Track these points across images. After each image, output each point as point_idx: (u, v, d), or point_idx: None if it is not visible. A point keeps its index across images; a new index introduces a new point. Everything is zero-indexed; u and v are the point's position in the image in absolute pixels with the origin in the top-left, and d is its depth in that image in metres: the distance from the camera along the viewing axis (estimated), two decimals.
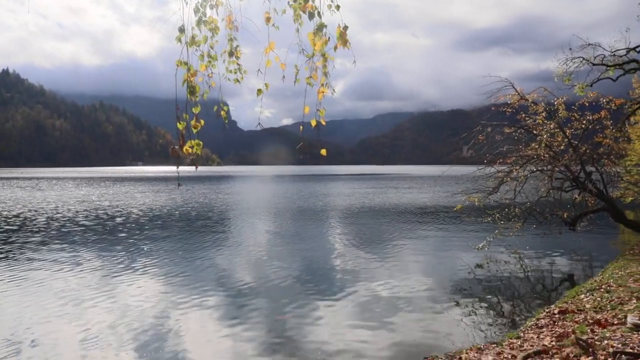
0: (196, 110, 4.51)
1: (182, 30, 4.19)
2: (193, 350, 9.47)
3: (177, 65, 4.28)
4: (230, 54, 4.59)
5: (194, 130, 4.53)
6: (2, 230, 26.09)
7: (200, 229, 27.27)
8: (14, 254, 19.36)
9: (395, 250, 20.30)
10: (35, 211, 35.70)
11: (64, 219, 30.93)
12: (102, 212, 35.30)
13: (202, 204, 41.97)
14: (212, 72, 4.53)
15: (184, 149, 4.50)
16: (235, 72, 4.71)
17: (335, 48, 4.37)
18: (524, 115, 19.83)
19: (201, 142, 4.59)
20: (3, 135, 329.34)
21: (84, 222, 29.36)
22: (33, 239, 23.00)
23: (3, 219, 31.01)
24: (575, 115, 19.11)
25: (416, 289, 13.82)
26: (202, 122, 4.56)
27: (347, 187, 71.58)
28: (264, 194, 59.50)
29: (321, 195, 53.74)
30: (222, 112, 4.66)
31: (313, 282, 14.87)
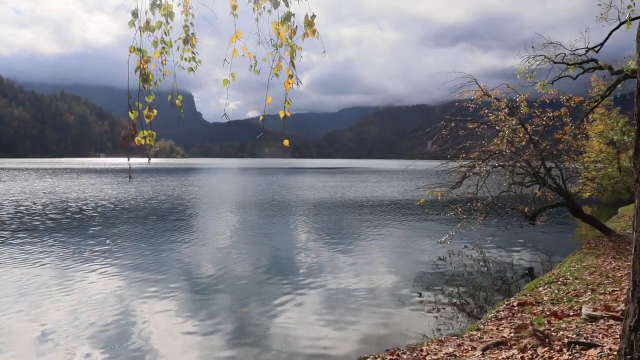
0: (149, 99, 4.37)
1: (135, 14, 4.05)
2: (155, 343, 9.33)
3: (130, 52, 4.15)
4: (185, 41, 4.47)
5: (147, 120, 4.38)
6: None
7: (163, 222, 26.90)
8: None
9: (358, 244, 20.39)
10: (3, 204, 34.70)
11: (28, 211, 30.13)
12: (65, 204, 34.50)
13: (166, 197, 41.43)
14: (165, 59, 4.40)
15: (136, 140, 4.34)
16: (190, 61, 4.58)
17: (304, 37, 4.30)
18: (486, 111, 20.11)
19: (154, 133, 4.44)
20: None
21: (47, 214, 28.65)
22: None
23: None
24: (537, 112, 19.47)
25: (379, 282, 13.90)
26: (155, 111, 4.42)
27: (312, 181, 71.57)
28: (230, 187, 59.05)
29: (286, 189, 53.61)
30: (177, 101, 4.53)
31: (276, 275, 14.81)
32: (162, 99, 4.50)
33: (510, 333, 8.21)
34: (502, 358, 6.99)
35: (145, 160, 5.04)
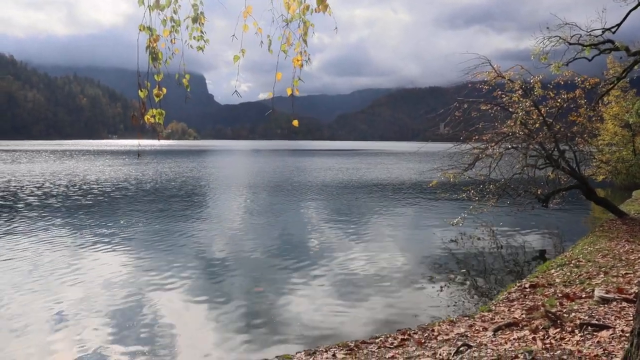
0: (158, 77, 4.36)
1: None
2: (170, 321, 9.45)
3: (140, 30, 4.13)
4: (194, 19, 4.44)
5: (156, 99, 4.38)
6: None
7: (175, 203, 27.06)
8: None
9: (370, 225, 20.42)
10: (19, 185, 35.05)
11: (48, 192, 30.43)
12: (84, 185, 34.80)
13: (180, 178, 41.63)
14: (175, 38, 4.38)
15: (145, 118, 4.34)
16: (199, 40, 4.56)
17: (312, 12, 4.25)
18: (500, 92, 19.91)
19: (163, 112, 4.42)
20: None
21: (66, 195, 28.94)
22: (15, 213, 22.61)
23: None
24: (551, 93, 19.24)
25: (391, 264, 13.94)
26: (164, 90, 4.40)
27: (324, 163, 71.57)
28: (243, 169, 59.21)
29: (298, 171, 53.67)
30: (184, 80, 4.51)
31: (289, 255, 14.89)
32: (173, 81, 4.49)
33: (522, 314, 8.21)
34: (514, 338, 7.00)
35: (157, 141, 5.04)
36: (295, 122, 4.72)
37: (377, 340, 7.85)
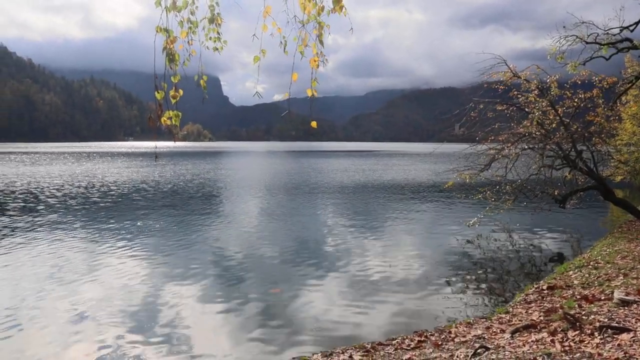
0: (175, 79, 4.37)
1: None
2: (186, 322, 9.50)
3: (157, 32, 4.14)
4: (211, 20, 4.44)
5: (173, 101, 4.39)
6: (1, 204, 25.92)
7: (192, 205, 27.18)
8: (14, 229, 19.23)
9: (386, 227, 20.36)
10: (39, 187, 35.45)
11: (67, 194, 30.73)
12: (102, 186, 35.10)
13: (193, 180, 41.81)
14: (192, 39, 4.39)
15: (162, 120, 4.35)
16: (215, 41, 4.56)
17: (329, 13, 4.24)
18: (516, 92, 19.76)
19: (179, 113, 4.43)
20: None
21: (85, 196, 29.21)
22: (35, 214, 22.85)
23: (4, 194, 30.80)
24: (568, 93, 19.05)
25: (407, 265, 13.89)
26: (181, 92, 4.41)
27: (339, 164, 71.49)
28: (259, 170, 59.36)
29: (314, 172, 53.65)
30: (202, 82, 4.52)
31: (306, 257, 14.90)
32: (188, 83, 4.50)
33: (540, 316, 8.13)
34: (532, 341, 6.93)
35: (172, 143, 5.05)
36: (314, 124, 4.72)
37: (393, 342, 7.83)
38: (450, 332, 8.01)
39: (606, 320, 7.37)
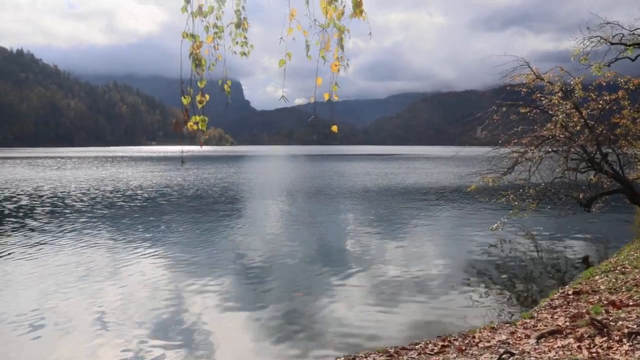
0: (202, 84, 4.39)
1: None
2: (208, 325, 9.54)
3: (183, 37, 4.17)
4: (238, 25, 4.46)
5: (199, 106, 4.41)
6: (28, 209, 26.33)
7: (214, 208, 27.34)
8: (42, 232, 19.54)
9: (409, 230, 20.27)
10: (66, 191, 36.00)
11: (92, 197, 31.15)
12: (126, 190, 35.50)
13: (216, 184, 42.04)
14: (218, 44, 4.41)
15: (188, 125, 4.38)
16: (243, 45, 4.58)
17: (351, 17, 4.23)
18: (539, 95, 19.55)
19: (206, 118, 4.44)
20: (19, 116, 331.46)
21: (109, 200, 29.58)
22: (62, 218, 23.20)
23: (32, 198, 31.30)
24: (592, 95, 18.78)
25: (430, 269, 13.81)
26: (207, 96, 4.43)
27: (361, 167, 71.38)
28: (280, 174, 59.50)
29: (335, 175, 53.65)
30: (226, 87, 4.53)
31: (328, 261, 14.89)
32: (212, 87, 4.52)
33: (566, 322, 8.01)
34: (558, 347, 6.82)
35: (196, 147, 5.08)
36: (335, 128, 4.71)
37: (417, 347, 7.77)
38: (474, 337, 7.94)
39: (635, 326, 7.22)
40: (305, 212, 25.63)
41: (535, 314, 9.01)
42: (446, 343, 7.76)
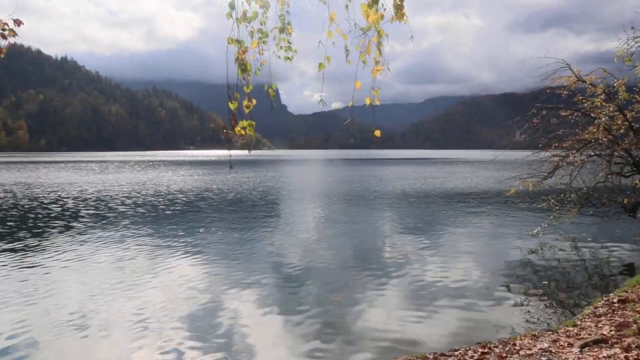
0: (248, 89, 4.44)
1: (232, 6, 4.12)
2: (244, 328, 9.62)
3: (229, 43, 4.22)
4: (282, 30, 4.50)
5: (246, 110, 4.46)
6: (74, 212, 27.05)
7: (253, 212, 27.55)
8: (87, 235, 20.04)
9: (446, 235, 20.06)
10: (109, 194, 36.87)
11: (135, 202, 31.82)
12: (166, 195, 36.13)
13: (255, 188, 42.37)
14: (263, 49, 4.45)
15: (236, 130, 4.43)
16: (287, 50, 4.61)
17: (392, 20, 4.23)
18: (581, 97, 19.13)
19: (254, 123, 4.49)
20: (63, 121, 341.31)
21: (151, 204, 30.15)
22: (105, 220, 23.75)
23: (77, 201, 32.15)
24: (637, 97, 18.31)
25: (469, 274, 13.64)
26: (254, 101, 4.48)
27: (400, 171, 71.03)
28: (318, 178, 59.65)
29: (373, 179, 53.49)
30: (270, 91, 4.57)
31: (365, 266, 14.84)
32: (253, 91, 4.57)
33: (611, 331, 7.81)
34: (603, 356, 6.66)
35: (233, 152, 5.13)
36: (377, 132, 4.70)
37: (456, 353, 7.69)
38: (514, 345, 7.80)
39: None
40: (344, 216, 25.61)
41: (579, 322, 8.81)
42: (486, 350, 7.65)
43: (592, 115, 18.67)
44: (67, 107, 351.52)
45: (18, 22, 7.01)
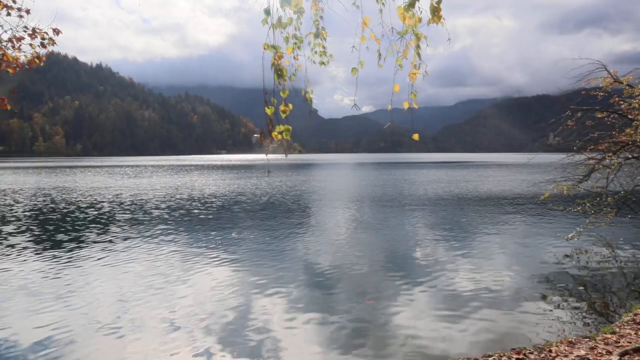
0: (284, 94, 4.48)
1: (267, 12, 4.17)
2: (277, 334, 9.65)
3: (265, 49, 4.27)
4: (316, 35, 4.54)
5: (283, 115, 4.51)
6: (109, 215, 27.58)
7: (287, 216, 27.66)
8: (121, 238, 20.41)
9: (480, 239, 19.84)
10: (143, 198, 37.50)
11: (168, 206, 32.29)
12: (200, 199, 36.57)
13: (288, 191, 42.54)
14: (297, 55, 4.49)
15: (273, 135, 4.48)
16: (321, 55, 4.65)
17: (429, 22, 4.22)
18: (617, 99, 18.75)
19: (290, 127, 4.53)
20: (98, 126, 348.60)
21: (185, 208, 30.56)
22: (139, 224, 24.16)
23: (112, 204, 32.78)
24: None
25: (503, 279, 13.47)
26: (291, 106, 4.52)
27: (432, 175, 70.49)
28: (350, 182, 59.58)
29: (405, 183, 53.20)
30: (308, 95, 4.61)
31: (397, 270, 14.77)
32: (289, 97, 4.61)
33: None
34: None
35: (263, 156, 5.19)
36: (416, 136, 4.71)
37: (490, 359, 7.60)
38: (550, 351, 7.68)
39: None
40: (376, 220, 25.54)
41: (617, 329, 8.62)
42: (521, 356, 7.55)
43: (629, 117, 18.29)
44: (101, 113, 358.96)
45: (57, 32, 7.21)
